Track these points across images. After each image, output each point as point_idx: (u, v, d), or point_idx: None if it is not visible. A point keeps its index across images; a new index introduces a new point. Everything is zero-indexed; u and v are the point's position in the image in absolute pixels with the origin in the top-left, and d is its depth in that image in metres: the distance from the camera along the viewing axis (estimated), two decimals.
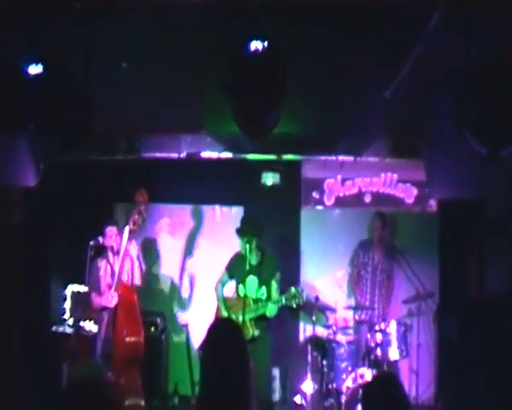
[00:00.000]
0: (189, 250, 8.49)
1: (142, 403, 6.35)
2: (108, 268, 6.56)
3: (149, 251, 8.51)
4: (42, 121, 4.32)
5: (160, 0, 4.01)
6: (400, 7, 3.94)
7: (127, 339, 6.28)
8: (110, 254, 6.61)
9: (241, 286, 6.64)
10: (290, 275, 7.57)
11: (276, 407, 7.66)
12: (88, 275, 6.52)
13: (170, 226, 8.55)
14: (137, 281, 6.58)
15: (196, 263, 8.43)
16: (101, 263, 6.62)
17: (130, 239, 6.46)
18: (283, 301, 6.42)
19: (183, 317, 8.26)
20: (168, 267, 8.55)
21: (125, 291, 6.43)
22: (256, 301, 6.52)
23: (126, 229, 6.40)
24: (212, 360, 3.13)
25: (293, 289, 6.44)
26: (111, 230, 6.57)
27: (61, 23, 4.14)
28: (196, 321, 7.95)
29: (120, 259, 6.38)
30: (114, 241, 6.55)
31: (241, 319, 6.35)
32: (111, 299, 6.30)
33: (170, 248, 8.55)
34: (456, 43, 3.99)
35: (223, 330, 3.30)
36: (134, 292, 6.54)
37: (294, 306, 6.52)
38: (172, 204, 8.51)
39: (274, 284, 6.60)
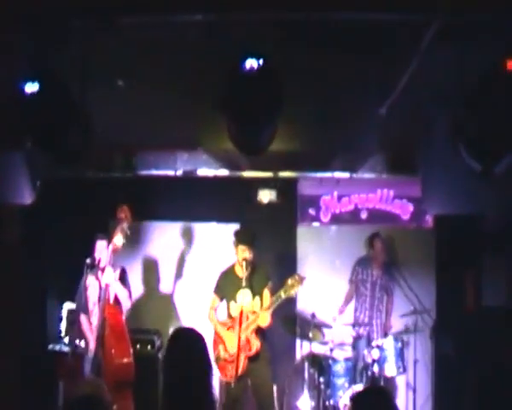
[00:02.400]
0: (181, 268, 8.47)
1: None
2: (97, 285, 6.31)
3: (145, 269, 8.51)
4: (38, 138, 4.33)
5: (157, 18, 4.03)
6: (396, 24, 3.97)
7: (116, 361, 6.10)
8: (99, 271, 6.33)
9: (232, 303, 6.57)
10: None
11: None
12: (76, 293, 6.45)
13: (166, 244, 8.53)
14: (124, 304, 6.38)
15: (191, 280, 8.40)
16: (90, 280, 6.38)
17: (109, 262, 6.22)
18: (283, 296, 6.38)
19: None
20: (164, 285, 8.53)
21: (111, 312, 6.23)
22: (252, 313, 6.49)
23: (110, 248, 6.23)
24: (170, 370, 3.09)
25: (289, 279, 6.43)
26: (101, 244, 6.37)
27: (58, 40, 4.15)
28: None
29: (102, 280, 6.20)
30: (104, 256, 6.32)
31: (243, 336, 6.30)
32: (98, 317, 6.16)
33: (165, 265, 8.54)
34: (451, 59, 4.02)
35: (180, 341, 3.26)
36: (121, 313, 6.35)
37: (295, 295, 6.53)
38: (168, 222, 8.50)
39: (266, 293, 6.56)
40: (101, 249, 6.36)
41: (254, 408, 6.53)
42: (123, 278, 6.45)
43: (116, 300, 6.35)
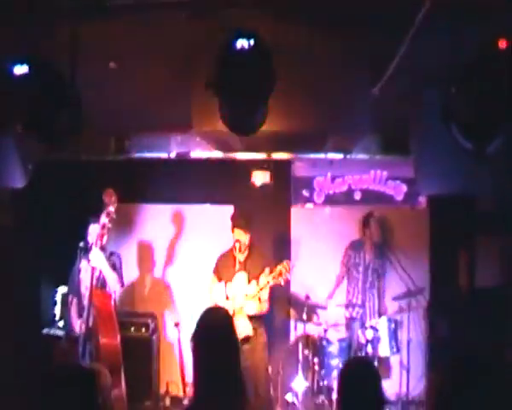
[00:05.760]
0: (175, 251, 8.48)
1: None
2: (89, 269, 6.22)
3: (142, 252, 8.52)
4: (28, 121, 4.30)
5: None
6: (388, 4, 3.95)
7: (102, 345, 6.02)
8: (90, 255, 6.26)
9: (229, 285, 6.57)
10: None
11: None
12: (69, 277, 6.42)
13: (160, 226, 8.53)
14: (112, 287, 6.31)
15: (185, 263, 8.41)
16: (83, 265, 6.37)
17: (97, 245, 6.17)
18: (270, 282, 6.38)
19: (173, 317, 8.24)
20: (158, 268, 8.55)
21: (99, 296, 6.19)
22: (246, 296, 6.48)
23: (97, 231, 6.19)
24: (202, 349, 3.12)
25: (278, 266, 6.40)
26: (94, 228, 6.34)
27: (47, 22, 4.12)
28: (187, 321, 7.96)
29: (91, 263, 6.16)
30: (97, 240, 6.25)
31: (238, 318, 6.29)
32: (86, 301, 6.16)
33: (159, 248, 8.54)
34: (443, 39, 4.00)
35: (212, 318, 3.29)
36: (109, 297, 6.30)
37: (282, 283, 6.44)
38: (161, 204, 8.49)
39: (263, 278, 6.55)
40: (94, 233, 6.33)
41: (250, 390, 6.53)
42: (113, 262, 6.40)
43: (104, 284, 6.31)
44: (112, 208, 6.19)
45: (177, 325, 7.65)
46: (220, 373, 3.03)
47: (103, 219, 6.15)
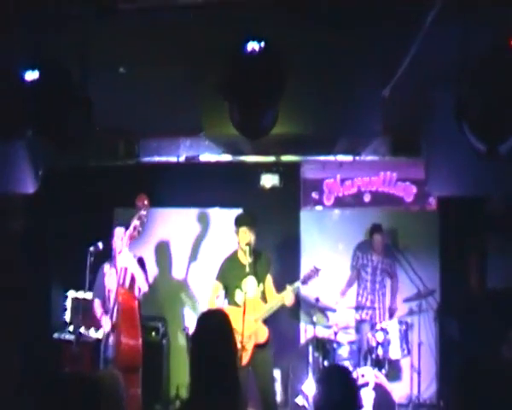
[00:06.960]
0: (194, 255, 8.48)
1: None
2: (113, 272, 6.41)
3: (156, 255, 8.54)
4: (39, 126, 4.31)
5: (157, 2, 4.00)
6: (398, 4, 3.93)
7: (124, 344, 6.13)
8: (115, 258, 6.45)
9: (238, 291, 6.44)
10: (290, 276, 7.54)
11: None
12: (93, 281, 6.45)
13: (170, 230, 8.54)
14: (141, 287, 6.42)
15: (201, 266, 8.41)
16: (107, 268, 6.51)
17: (127, 245, 6.31)
18: (301, 287, 6.51)
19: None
20: (175, 271, 8.55)
21: (125, 296, 6.30)
22: (262, 299, 6.45)
23: (127, 234, 6.29)
24: (201, 351, 3.14)
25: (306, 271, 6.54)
26: (119, 231, 6.46)
27: (58, 26, 4.12)
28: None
29: (119, 264, 6.30)
30: (121, 242, 6.41)
31: (255, 324, 6.24)
32: (112, 302, 6.23)
33: (176, 251, 8.54)
34: (454, 39, 3.98)
35: (212, 320, 3.31)
36: (135, 298, 6.40)
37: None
38: (172, 208, 8.51)
39: (269, 279, 6.54)
40: (119, 236, 6.43)
41: (256, 394, 6.50)
42: (141, 263, 6.50)
43: (131, 284, 6.37)
44: (144, 212, 6.32)
45: (187, 328, 7.66)
46: (215, 374, 3.05)
47: (135, 221, 6.27)
